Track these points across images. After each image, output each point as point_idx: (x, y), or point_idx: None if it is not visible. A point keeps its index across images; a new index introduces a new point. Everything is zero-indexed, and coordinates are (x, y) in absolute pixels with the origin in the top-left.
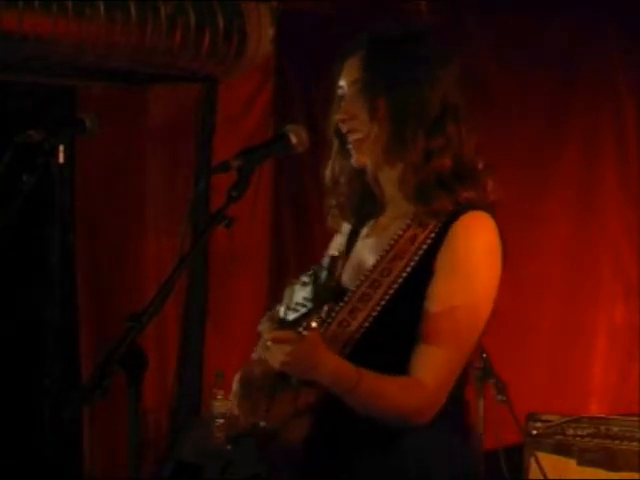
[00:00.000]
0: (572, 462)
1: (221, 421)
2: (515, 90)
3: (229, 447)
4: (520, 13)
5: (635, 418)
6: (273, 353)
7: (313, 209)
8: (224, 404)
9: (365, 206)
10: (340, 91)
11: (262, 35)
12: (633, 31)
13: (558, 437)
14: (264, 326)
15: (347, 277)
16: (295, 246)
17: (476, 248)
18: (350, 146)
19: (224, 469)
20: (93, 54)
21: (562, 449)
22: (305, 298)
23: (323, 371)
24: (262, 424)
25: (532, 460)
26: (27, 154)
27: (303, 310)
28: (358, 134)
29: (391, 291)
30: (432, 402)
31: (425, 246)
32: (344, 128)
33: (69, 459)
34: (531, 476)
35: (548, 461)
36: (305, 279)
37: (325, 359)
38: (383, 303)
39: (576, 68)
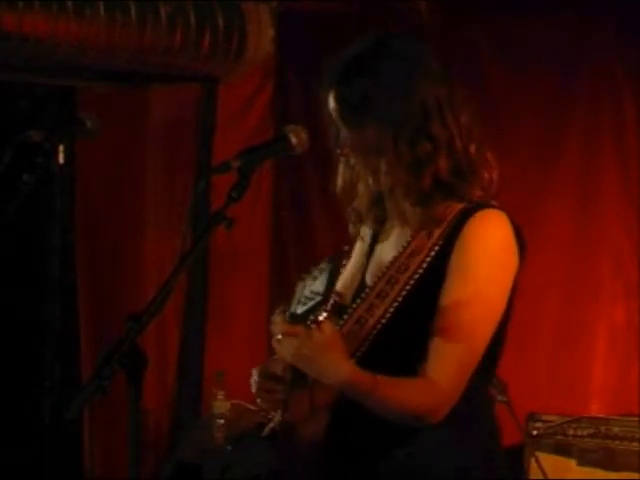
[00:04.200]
0: (572, 462)
1: (221, 421)
2: (515, 90)
3: (229, 447)
4: (520, 13)
5: (635, 418)
6: (284, 346)
7: (313, 209)
8: (224, 404)
9: (382, 209)
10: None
11: (262, 35)
12: (633, 31)
13: (558, 437)
14: (276, 319)
15: (369, 276)
16: (295, 246)
17: (488, 248)
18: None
19: (224, 469)
20: (93, 54)
21: (562, 449)
22: (314, 292)
23: (334, 377)
24: (278, 418)
25: (532, 460)
26: (27, 154)
27: (311, 303)
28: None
29: (408, 287)
30: (446, 402)
31: (440, 243)
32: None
33: (69, 459)
34: (531, 476)
35: (548, 461)
36: (316, 273)
37: (338, 365)
38: (400, 299)
39: (576, 68)
